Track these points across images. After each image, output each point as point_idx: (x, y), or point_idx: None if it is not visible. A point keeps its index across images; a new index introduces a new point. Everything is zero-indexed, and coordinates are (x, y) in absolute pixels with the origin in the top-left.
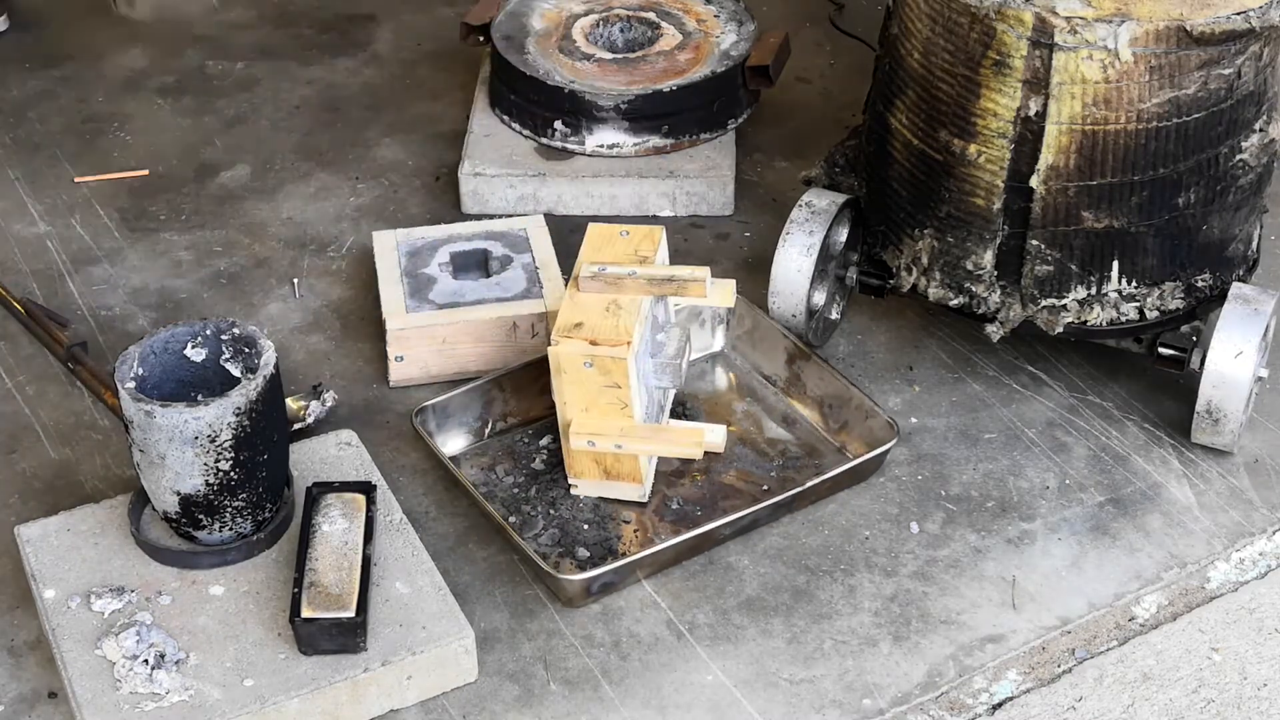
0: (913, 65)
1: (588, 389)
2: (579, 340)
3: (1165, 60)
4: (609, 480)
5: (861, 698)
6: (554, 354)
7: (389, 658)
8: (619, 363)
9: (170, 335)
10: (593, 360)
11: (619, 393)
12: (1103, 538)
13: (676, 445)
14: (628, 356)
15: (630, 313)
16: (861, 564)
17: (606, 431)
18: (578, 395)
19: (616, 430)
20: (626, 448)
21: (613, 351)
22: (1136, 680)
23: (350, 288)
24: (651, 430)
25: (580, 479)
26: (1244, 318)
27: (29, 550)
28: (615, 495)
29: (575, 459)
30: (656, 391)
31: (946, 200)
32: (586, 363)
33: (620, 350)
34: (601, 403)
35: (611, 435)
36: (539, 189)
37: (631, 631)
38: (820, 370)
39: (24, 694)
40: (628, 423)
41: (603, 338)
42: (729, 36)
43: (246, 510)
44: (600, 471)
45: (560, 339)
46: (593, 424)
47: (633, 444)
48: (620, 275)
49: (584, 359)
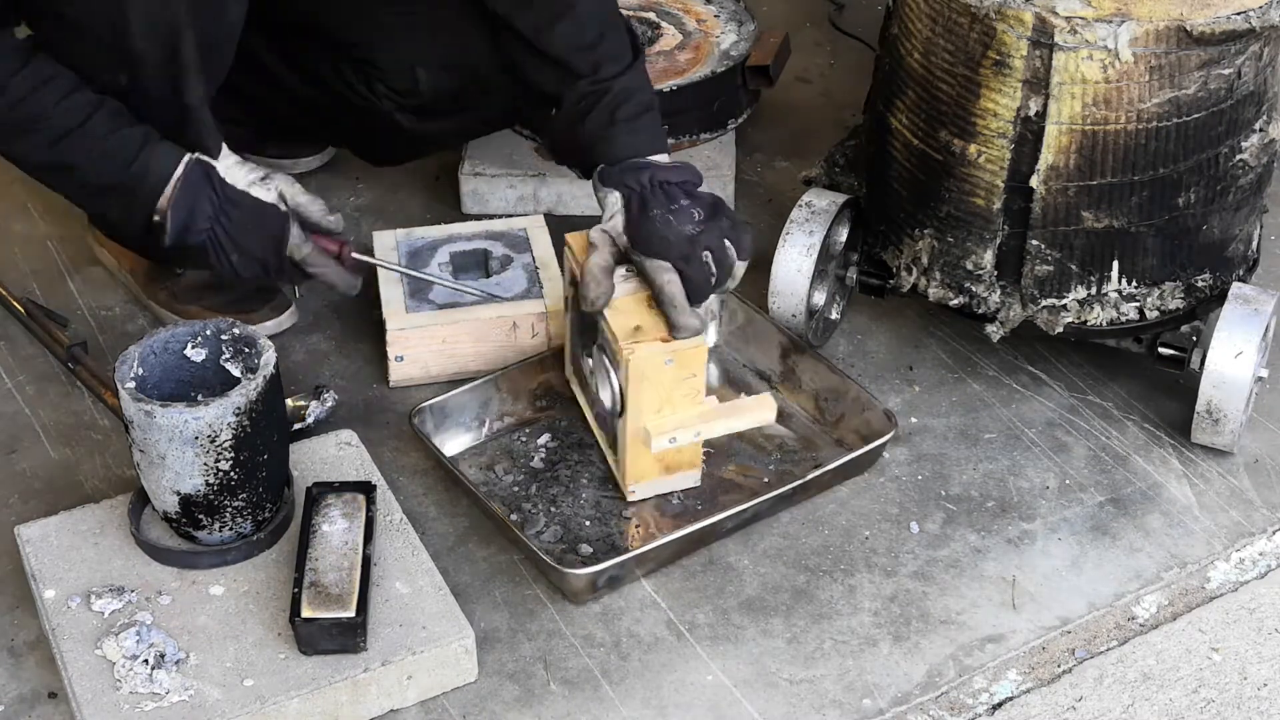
0: (913, 65)
1: (664, 388)
2: (653, 341)
3: (1165, 60)
4: (668, 475)
5: (861, 698)
6: (634, 362)
7: (389, 658)
8: (698, 351)
9: (170, 335)
10: (673, 357)
11: (694, 382)
12: (1103, 538)
13: (752, 415)
14: (704, 343)
15: None
16: (861, 564)
17: (684, 424)
18: (653, 398)
19: (693, 420)
20: (704, 434)
21: (690, 343)
22: (1136, 680)
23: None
24: (725, 409)
25: (639, 482)
26: (1244, 318)
27: (29, 550)
28: (671, 489)
29: (636, 463)
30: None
31: (946, 200)
32: (668, 360)
33: (696, 340)
34: (675, 397)
35: (690, 426)
36: (539, 189)
37: (631, 631)
38: (815, 364)
39: (24, 694)
40: (699, 409)
41: (665, 333)
42: (729, 36)
43: (247, 510)
44: (661, 469)
45: (633, 345)
46: (669, 422)
47: (711, 428)
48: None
49: (665, 357)
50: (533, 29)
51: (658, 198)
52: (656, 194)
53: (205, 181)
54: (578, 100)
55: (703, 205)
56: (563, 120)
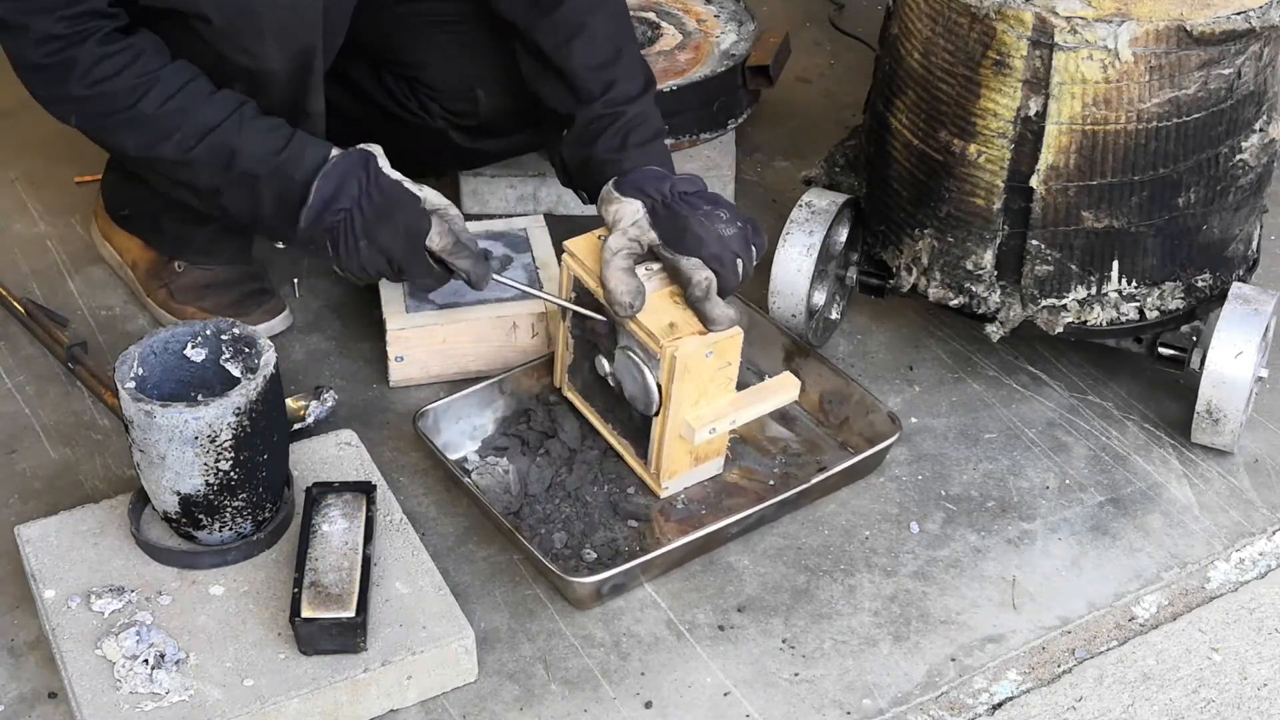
0: (913, 65)
1: (702, 380)
2: (692, 335)
3: (1165, 60)
4: (697, 466)
5: (861, 698)
6: (679, 357)
7: (389, 658)
8: (735, 340)
9: (170, 335)
10: (713, 350)
11: (728, 370)
12: (1103, 538)
13: (779, 396)
14: (739, 331)
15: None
16: (861, 564)
17: (721, 414)
18: (691, 391)
19: (728, 409)
20: (739, 421)
21: (728, 333)
22: (1136, 680)
23: (350, 288)
24: (752, 394)
25: (673, 478)
26: (1244, 318)
27: (29, 550)
28: (698, 480)
29: (672, 459)
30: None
31: (946, 200)
32: (708, 353)
33: (732, 329)
34: (711, 389)
35: (726, 415)
36: (539, 189)
37: (631, 631)
38: (819, 367)
39: (24, 694)
40: (731, 396)
41: (700, 327)
42: (729, 36)
43: (246, 510)
44: (692, 461)
45: (675, 341)
46: (707, 413)
47: (745, 414)
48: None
49: (705, 350)
50: (550, 44)
51: (683, 203)
52: (679, 201)
53: (361, 164)
54: (590, 122)
55: (727, 210)
56: (574, 141)
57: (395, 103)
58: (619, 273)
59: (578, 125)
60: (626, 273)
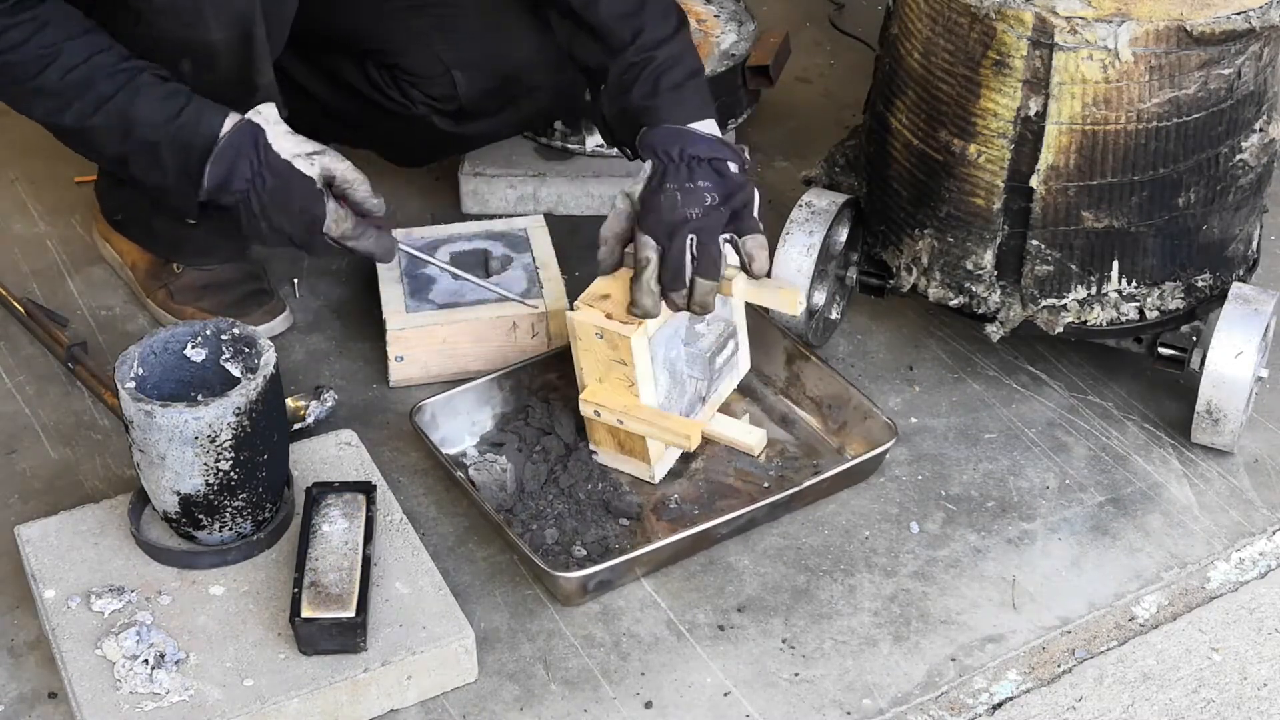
0: (913, 65)
1: (600, 360)
2: (596, 310)
3: (1165, 60)
4: (623, 454)
5: (861, 698)
6: (571, 318)
7: (389, 658)
8: (624, 340)
9: (170, 335)
10: (603, 332)
11: (626, 370)
12: (1103, 538)
13: (668, 434)
14: (632, 335)
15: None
16: (861, 564)
17: (612, 405)
18: (591, 365)
19: (621, 406)
20: (626, 425)
21: (621, 328)
22: (1136, 680)
23: (350, 288)
24: (652, 414)
25: (599, 447)
26: (1244, 318)
27: (29, 550)
28: (629, 470)
29: (593, 427)
30: (692, 381)
31: (946, 200)
32: (597, 333)
33: (628, 329)
34: (612, 377)
35: (616, 410)
36: (539, 189)
37: (631, 631)
38: (819, 371)
39: (24, 694)
40: (633, 401)
41: (620, 314)
42: (729, 36)
43: (246, 510)
44: (615, 444)
45: (581, 305)
46: (602, 395)
47: (631, 423)
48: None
49: (595, 330)
50: (579, 1)
51: (680, 173)
52: (680, 168)
53: (251, 143)
54: (622, 72)
55: (722, 191)
56: (610, 94)
57: (379, 93)
58: (604, 232)
59: (612, 76)
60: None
